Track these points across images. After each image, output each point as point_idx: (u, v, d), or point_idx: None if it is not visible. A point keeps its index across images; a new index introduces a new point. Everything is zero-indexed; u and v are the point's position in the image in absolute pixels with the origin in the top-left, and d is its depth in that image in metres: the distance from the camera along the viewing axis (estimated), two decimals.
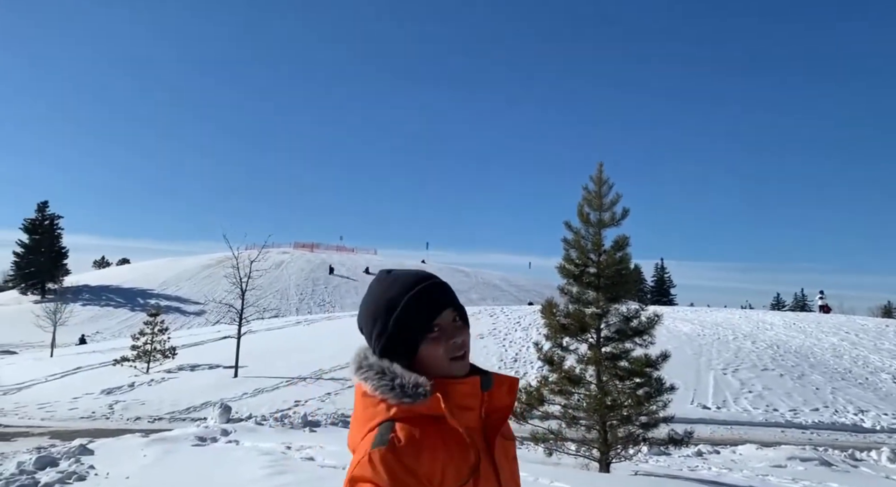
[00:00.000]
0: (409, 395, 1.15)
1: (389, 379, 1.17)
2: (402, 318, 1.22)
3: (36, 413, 15.57)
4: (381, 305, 1.25)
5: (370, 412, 1.18)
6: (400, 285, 1.26)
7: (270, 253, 43.89)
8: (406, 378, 1.17)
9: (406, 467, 1.10)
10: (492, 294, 62.83)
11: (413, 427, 1.14)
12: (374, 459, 1.10)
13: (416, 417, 1.16)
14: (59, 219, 58.86)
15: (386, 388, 1.17)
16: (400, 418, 1.15)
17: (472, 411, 1.22)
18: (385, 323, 1.24)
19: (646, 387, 8.52)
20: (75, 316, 39.19)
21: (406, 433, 1.13)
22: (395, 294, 1.25)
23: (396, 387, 1.16)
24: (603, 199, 9.78)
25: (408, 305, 1.23)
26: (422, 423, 1.15)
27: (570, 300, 9.62)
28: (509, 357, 21.62)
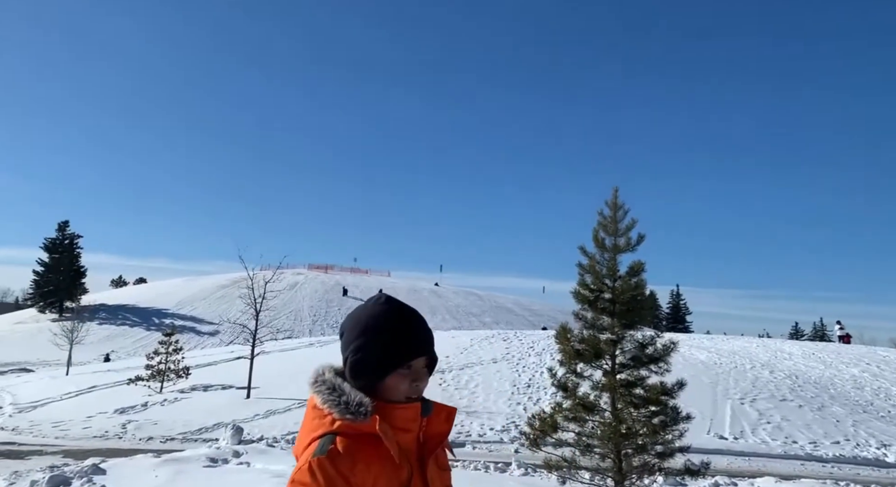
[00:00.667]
0: (352, 412, 1.26)
1: (337, 396, 1.28)
2: (389, 346, 1.34)
3: (50, 432, 15.64)
4: (378, 326, 1.36)
5: (316, 423, 1.28)
6: (401, 317, 1.38)
7: (285, 274, 44.12)
8: (352, 396, 1.28)
9: (341, 475, 1.20)
10: (505, 317, 62.52)
11: (352, 442, 1.25)
12: (314, 466, 1.20)
13: (356, 433, 1.26)
14: (78, 238, 59.79)
15: (333, 403, 1.28)
16: (342, 432, 1.26)
17: (410, 433, 1.35)
18: (373, 342, 1.34)
19: (661, 416, 8.39)
20: (92, 335, 39.53)
21: (344, 445, 1.23)
22: (395, 324, 1.36)
23: (342, 404, 1.27)
24: (618, 224, 9.76)
25: (400, 338, 1.34)
26: (361, 439, 1.26)
27: (585, 325, 9.56)
28: (522, 382, 21.41)
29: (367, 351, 1.34)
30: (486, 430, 16.89)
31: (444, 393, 20.09)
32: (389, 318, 1.37)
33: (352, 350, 1.36)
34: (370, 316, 1.38)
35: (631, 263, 9.68)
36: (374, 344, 1.34)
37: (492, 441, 16.14)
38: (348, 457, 1.22)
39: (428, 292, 70.17)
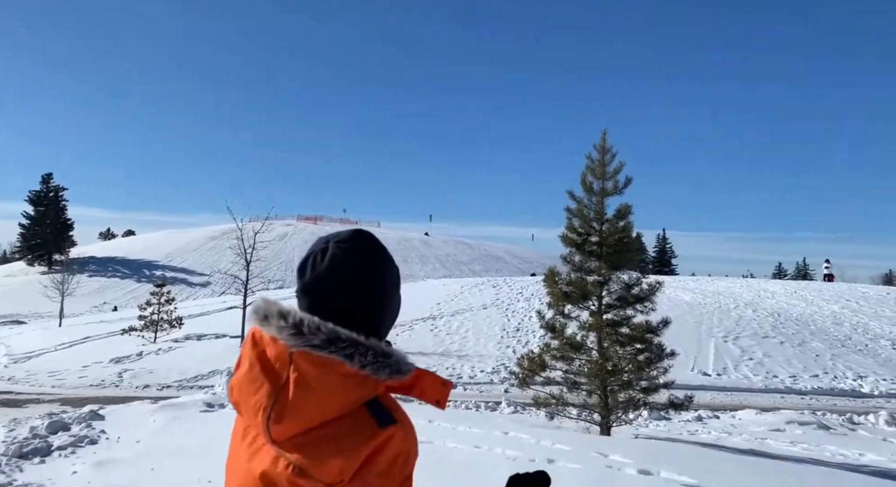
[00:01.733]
0: (402, 371, 1.12)
1: (382, 356, 1.11)
2: (399, 300, 1.26)
3: (46, 381, 15.84)
4: (395, 279, 1.24)
5: (352, 392, 1.10)
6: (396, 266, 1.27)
7: (274, 225, 43.78)
8: (401, 355, 1.14)
9: (414, 441, 1.11)
10: (495, 266, 63.02)
11: (395, 401, 1.15)
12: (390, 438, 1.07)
13: (390, 391, 1.16)
14: (63, 190, 58.90)
15: (380, 365, 1.10)
16: (382, 394, 1.13)
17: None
18: (396, 294, 1.23)
19: (646, 353, 8.62)
20: (83, 287, 39.57)
21: (396, 404, 1.14)
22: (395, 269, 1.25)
23: (393, 364, 1.12)
24: (606, 168, 9.75)
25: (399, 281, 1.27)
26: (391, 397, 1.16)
27: (573, 268, 9.68)
28: (511, 326, 21.80)
29: (395, 301, 1.23)
30: (477, 372, 17.29)
31: (436, 339, 20.44)
32: (394, 267, 1.26)
33: (387, 314, 1.21)
34: (391, 263, 1.24)
35: (618, 206, 9.72)
36: (397, 294, 1.24)
37: (482, 383, 16.54)
38: (405, 415, 1.13)
39: (418, 242, 70.38)
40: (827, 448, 8.88)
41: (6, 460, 6.54)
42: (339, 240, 1.21)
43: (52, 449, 7.12)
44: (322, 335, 1.10)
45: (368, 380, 1.10)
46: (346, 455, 1.05)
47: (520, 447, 6.68)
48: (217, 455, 1.24)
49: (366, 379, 1.09)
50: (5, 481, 5.73)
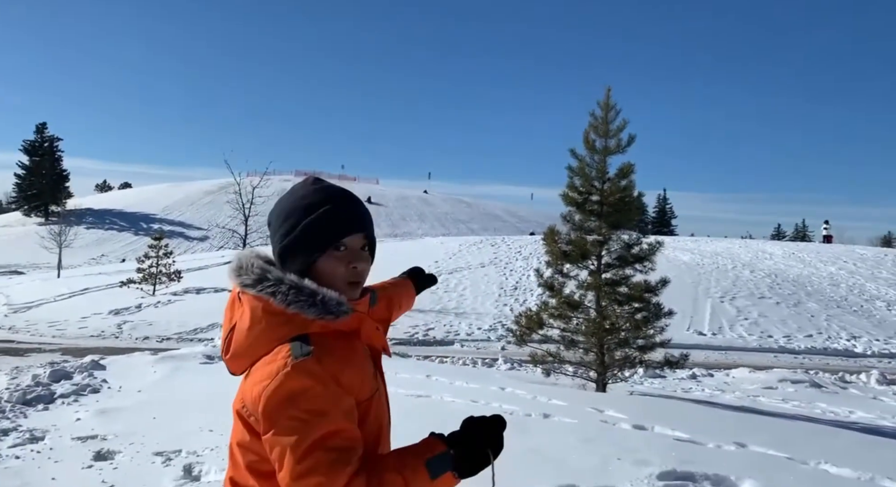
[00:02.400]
0: (332, 312, 1.14)
1: (308, 295, 1.14)
2: (313, 225, 1.20)
3: (47, 331, 15.97)
4: (298, 206, 1.23)
5: (281, 331, 1.14)
6: (324, 194, 1.23)
7: (272, 180, 43.41)
8: (328, 294, 1.15)
9: (332, 375, 1.09)
10: (493, 224, 63.03)
11: (330, 340, 1.14)
12: (301, 369, 1.07)
13: (329, 333, 1.15)
14: (58, 141, 58.37)
15: (304, 304, 1.13)
16: (316, 333, 1.14)
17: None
18: (294, 226, 1.21)
19: (644, 312, 8.68)
20: (80, 239, 39.55)
21: (325, 345, 1.12)
22: (315, 200, 1.22)
23: (318, 304, 1.13)
24: (609, 126, 9.60)
25: (323, 214, 1.20)
26: (332, 338, 1.15)
27: (573, 227, 9.64)
28: (510, 285, 21.92)
29: (296, 233, 1.21)
30: (474, 330, 17.46)
31: (434, 297, 20.56)
32: (315, 196, 1.23)
33: (279, 237, 1.23)
34: (291, 198, 1.26)
35: (620, 165, 9.62)
36: (301, 225, 1.20)
37: (479, 340, 16.73)
38: (333, 356, 1.12)
39: (416, 199, 70.16)
40: (818, 406, 9.04)
41: (10, 406, 6.62)
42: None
43: (55, 397, 7.21)
44: (253, 274, 1.18)
45: (297, 318, 1.13)
46: (262, 385, 1.09)
47: (516, 402, 6.77)
48: (217, 405, 1.25)
49: (293, 316, 1.13)
50: (10, 426, 5.81)
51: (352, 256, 1.22)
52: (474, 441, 1.10)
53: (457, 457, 1.09)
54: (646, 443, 4.97)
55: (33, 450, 5.12)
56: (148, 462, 4.68)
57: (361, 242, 1.25)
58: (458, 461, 1.09)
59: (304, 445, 1.04)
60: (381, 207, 63.29)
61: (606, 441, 5.01)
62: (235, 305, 1.23)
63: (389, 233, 53.40)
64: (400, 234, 52.39)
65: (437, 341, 16.47)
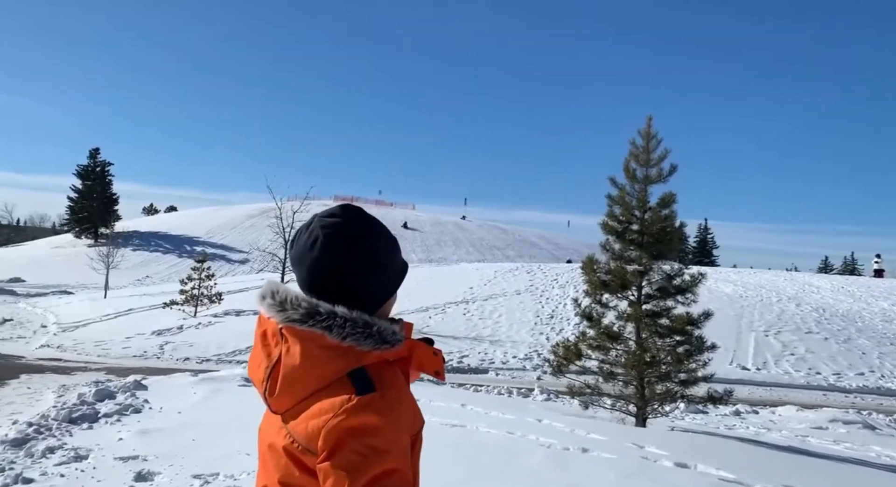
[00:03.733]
0: (388, 341, 1.14)
1: (362, 327, 1.13)
2: (399, 262, 1.28)
3: (92, 350, 16.41)
4: (391, 239, 1.28)
5: (333, 363, 1.13)
6: (397, 247, 1.30)
7: (311, 205, 44.20)
8: (383, 324, 1.16)
9: (394, 411, 1.09)
10: (529, 251, 62.65)
11: (386, 373, 1.14)
12: (367, 405, 1.07)
13: (380, 364, 1.15)
14: (109, 165, 60.54)
15: (360, 336, 1.12)
16: (371, 364, 1.13)
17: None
18: (389, 255, 1.25)
19: (686, 345, 8.46)
20: (126, 260, 40.78)
21: (383, 378, 1.12)
22: (398, 253, 1.29)
23: (375, 334, 1.13)
24: (650, 155, 9.53)
25: (403, 266, 1.29)
26: (385, 369, 1.15)
27: (612, 257, 9.53)
28: (545, 313, 21.68)
29: (389, 263, 1.23)
30: (509, 358, 17.28)
31: (469, 323, 20.47)
32: (396, 245, 1.28)
33: (376, 287, 1.22)
34: (382, 227, 1.28)
35: (662, 194, 9.51)
36: (393, 256, 1.25)
37: (514, 369, 16.53)
38: (396, 385, 1.14)
39: (452, 225, 70.35)
40: (872, 449, 8.60)
41: (57, 424, 6.80)
42: (322, 216, 1.28)
43: (99, 416, 7.38)
44: (301, 309, 1.14)
45: (351, 351, 1.12)
46: (323, 419, 1.08)
47: (553, 435, 6.65)
48: (255, 429, 1.26)
49: (348, 350, 1.12)
50: (56, 444, 5.96)
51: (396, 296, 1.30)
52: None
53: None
54: (689, 482, 4.81)
55: (77, 469, 5.23)
56: (187, 485, 4.73)
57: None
58: None
59: (361, 480, 1.03)
60: (416, 232, 63.67)
61: (647, 479, 4.86)
62: (273, 340, 1.20)
63: (424, 258, 53.58)
64: (435, 260, 52.53)
65: (472, 369, 16.33)
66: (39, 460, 5.47)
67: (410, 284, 27.52)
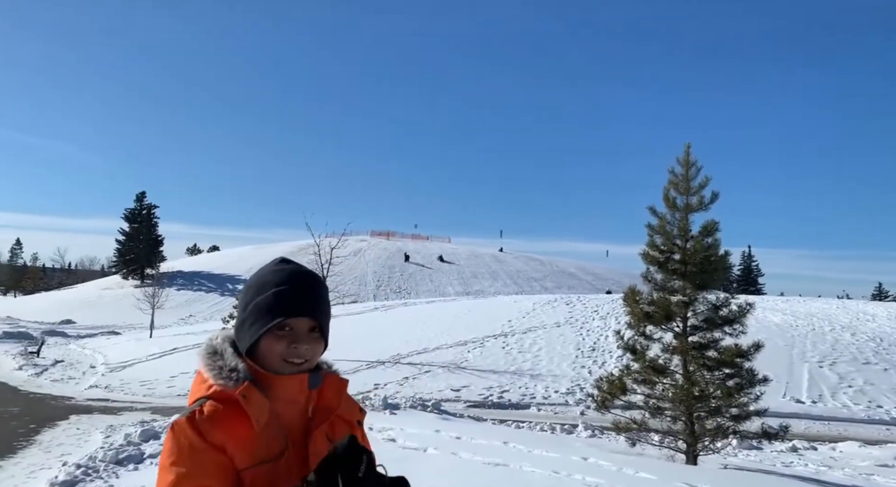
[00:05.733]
0: (224, 378, 1.23)
1: (214, 361, 1.27)
2: (260, 304, 1.27)
3: (138, 390, 16.72)
4: (254, 286, 1.32)
5: (195, 388, 1.28)
6: (280, 276, 1.31)
7: (349, 240, 44.80)
8: (228, 361, 1.26)
9: (198, 435, 1.18)
10: (567, 282, 61.95)
11: (220, 407, 1.21)
12: (175, 427, 1.20)
13: (227, 399, 1.22)
14: (155, 208, 62.67)
15: (209, 368, 1.26)
16: (214, 397, 1.23)
17: (295, 405, 1.29)
18: (247, 304, 1.31)
19: (736, 378, 8.15)
20: (171, 300, 41.76)
21: (210, 410, 1.21)
22: (270, 280, 1.30)
23: (216, 368, 1.25)
24: (690, 183, 9.39)
25: (272, 295, 1.27)
26: (233, 406, 1.22)
27: (655, 287, 9.32)
28: (587, 346, 21.26)
29: (246, 310, 1.30)
30: (551, 393, 16.92)
31: (508, 357, 20.20)
32: (272, 276, 1.31)
33: (238, 310, 1.36)
34: (254, 277, 1.36)
35: (704, 223, 9.32)
36: (251, 303, 1.30)
37: (556, 404, 16.16)
38: (209, 420, 1.20)
39: (489, 257, 70.20)
40: None
41: (104, 466, 6.90)
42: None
43: (145, 457, 7.46)
44: (207, 339, 1.35)
45: (207, 382, 1.25)
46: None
47: (600, 474, 6.43)
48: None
49: (206, 380, 1.26)
50: (104, 486, 6.02)
51: (294, 337, 1.26)
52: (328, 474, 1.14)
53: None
54: None
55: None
56: None
57: (309, 325, 1.28)
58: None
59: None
60: (452, 266, 63.70)
61: None
62: None
63: (461, 291, 53.43)
64: (472, 292, 52.32)
65: (513, 404, 16.03)
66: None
67: (448, 318, 27.39)
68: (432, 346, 21.53)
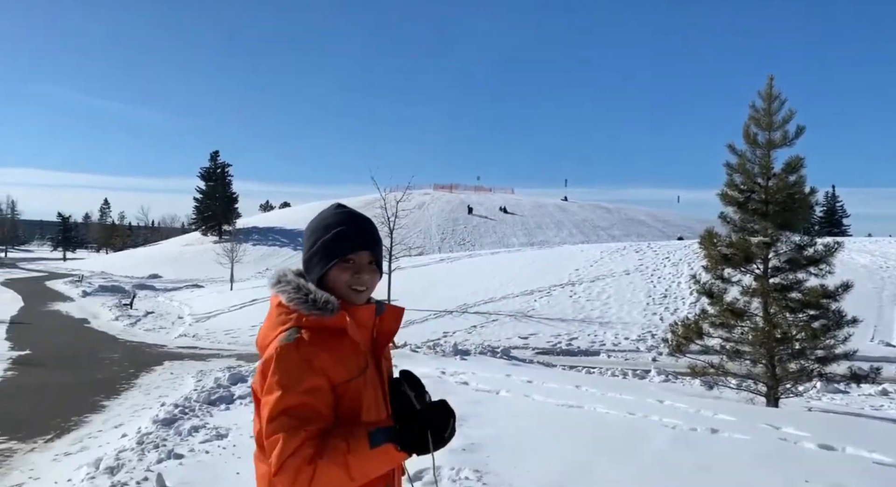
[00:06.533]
0: (319, 308, 1.39)
1: (304, 294, 1.41)
2: (327, 242, 1.49)
3: (223, 338, 17.71)
4: (319, 226, 1.53)
5: (282, 318, 1.42)
6: (340, 217, 1.54)
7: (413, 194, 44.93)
8: (319, 294, 1.41)
9: (304, 359, 1.34)
10: (636, 230, 60.45)
11: (316, 333, 1.39)
12: (282, 351, 1.34)
13: (320, 327, 1.40)
14: (228, 166, 64.84)
15: (300, 301, 1.40)
16: (307, 325, 1.39)
17: (366, 330, 1.51)
18: (314, 242, 1.51)
19: (822, 320, 7.80)
20: (248, 255, 43.65)
21: (310, 335, 1.38)
22: (332, 222, 1.52)
23: (310, 301, 1.40)
24: (773, 117, 8.84)
25: (337, 233, 1.49)
26: (325, 333, 1.40)
27: (733, 229, 8.95)
28: (658, 293, 20.85)
29: (314, 247, 1.50)
30: (621, 339, 16.78)
31: (576, 305, 20.09)
32: (333, 218, 1.53)
33: (304, 252, 1.53)
34: (317, 219, 1.56)
35: (787, 159, 8.82)
36: (319, 241, 1.50)
37: (627, 350, 16.03)
38: (312, 344, 1.36)
39: (553, 207, 69.13)
40: None
41: (199, 406, 7.39)
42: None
43: (234, 398, 7.93)
44: (274, 278, 1.50)
45: (294, 312, 1.40)
46: (260, 363, 1.40)
47: (677, 415, 6.36)
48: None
49: (293, 311, 1.40)
50: (200, 423, 6.47)
51: (357, 268, 1.49)
52: (421, 422, 1.35)
53: (402, 433, 1.33)
54: (837, 466, 4.42)
55: (220, 446, 5.63)
56: None
57: (368, 258, 1.52)
58: (402, 436, 1.32)
59: (275, 411, 1.30)
60: (516, 216, 63.24)
61: (788, 461, 4.53)
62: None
63: (525, 242, 53.13)
64: (536, 243, 51.89)
65: (582, 351, 16.02)
66: (186, 438, 5.95)
67: (513, 268, 27.37)
68: (498, 296, 21.63)
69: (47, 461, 6.03)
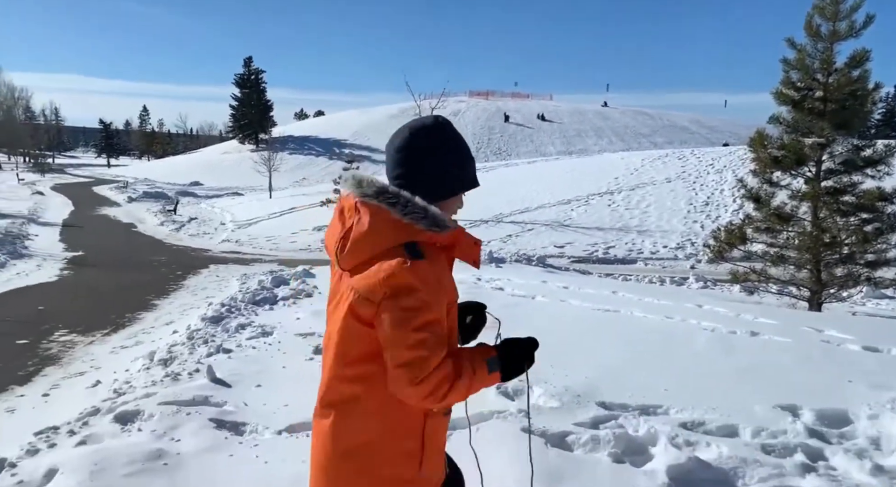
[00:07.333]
0: (438, 226, 1.40)
1: (421, 209, 1.40)
2: (468, 170, 1.53)
3: (265, 244, 18.18)
4: (459, 150, 1.51)
5: (393, 233, 1.39)
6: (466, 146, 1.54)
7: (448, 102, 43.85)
8: (437, 212, 1.41)
9: (437, 277, 1.37)
10: (679, 137, 58.38)
11: (434, 250, 1.41)
12: (417, 268, 1.34)
13: (432, 243, 1.41)
14: (262, 73, 63.98)
15: (418, 216, 1.39)
16: (424, 241, 1.39)
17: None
18: (453, 163, 1.49)
19: (875, 223, 7.49)
20: (285, 164, 43.90)
21: (434, 252, 1.40)
22: (467, 152, 1.53)
23: (430, 217, 1.39)
24: (839, 6, 8.10)
25: (472, 164, 1.55)
26: (440, 249, 1.43)
27: (786, 130, 8.49)
28: (699, 200, 20.37)
29: (452, 168, 1.49)
30: (659, 248, 16.63)
31: (614, 214, 19.83)
32: (466, 147, 1.53)
33: (435, 164, 1.47)
34: (457, 142, 1.51)
35: (852, 52, 8.18)
36: (460, 164, 1.50)
37: (665, 258, 15.92)
38: (440, 262, 1.41)
39: (593, 114, 66.85)
40: None
41: (244, 306, 7.66)
42: (414, 121, 1.55)
43: (278, 299, 8.18)
44: (374, 187, 1.44)
45: (408, 227, 1.39)
46: (383, 275, 1.35)
47: (717, 319, 6.32)
48: None
49: (406, 225, 1.39)
50: (246, 321, 6.72)
51: (461, 199, 1.55)
52: (515, 354, 1.47)
53: (502, 364, 1.43)
54: (882, 366, 4.37)
55: (265, 342, 5.86)
56: None
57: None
58: (503, 366, 1.44)
59: (417, 324, 1.32)
60: (554, 124, 61.54)
61: (831, 362, 4.48)
62: (348, 213, 1.48)
63: (563, 151, 51.98)
64: (575, 151, 50.73)
65: (619, 259, 15.96)
66: (234, 334, 6.20)
67: (550, 177, 26.91)
68: (534, 205, 21.44)
69: (105, 353, 6.40)
